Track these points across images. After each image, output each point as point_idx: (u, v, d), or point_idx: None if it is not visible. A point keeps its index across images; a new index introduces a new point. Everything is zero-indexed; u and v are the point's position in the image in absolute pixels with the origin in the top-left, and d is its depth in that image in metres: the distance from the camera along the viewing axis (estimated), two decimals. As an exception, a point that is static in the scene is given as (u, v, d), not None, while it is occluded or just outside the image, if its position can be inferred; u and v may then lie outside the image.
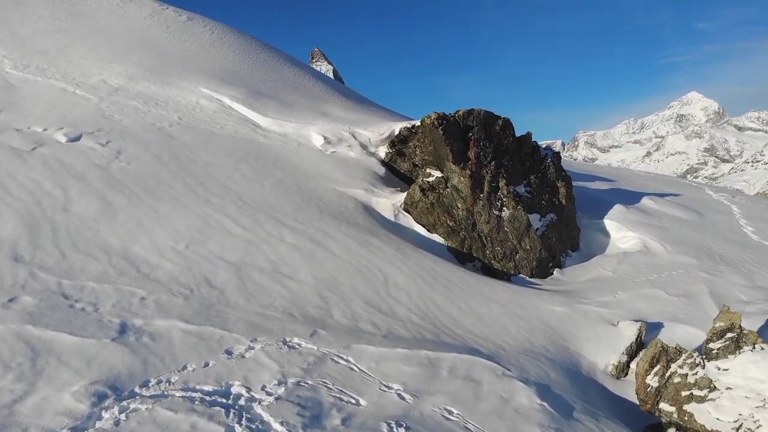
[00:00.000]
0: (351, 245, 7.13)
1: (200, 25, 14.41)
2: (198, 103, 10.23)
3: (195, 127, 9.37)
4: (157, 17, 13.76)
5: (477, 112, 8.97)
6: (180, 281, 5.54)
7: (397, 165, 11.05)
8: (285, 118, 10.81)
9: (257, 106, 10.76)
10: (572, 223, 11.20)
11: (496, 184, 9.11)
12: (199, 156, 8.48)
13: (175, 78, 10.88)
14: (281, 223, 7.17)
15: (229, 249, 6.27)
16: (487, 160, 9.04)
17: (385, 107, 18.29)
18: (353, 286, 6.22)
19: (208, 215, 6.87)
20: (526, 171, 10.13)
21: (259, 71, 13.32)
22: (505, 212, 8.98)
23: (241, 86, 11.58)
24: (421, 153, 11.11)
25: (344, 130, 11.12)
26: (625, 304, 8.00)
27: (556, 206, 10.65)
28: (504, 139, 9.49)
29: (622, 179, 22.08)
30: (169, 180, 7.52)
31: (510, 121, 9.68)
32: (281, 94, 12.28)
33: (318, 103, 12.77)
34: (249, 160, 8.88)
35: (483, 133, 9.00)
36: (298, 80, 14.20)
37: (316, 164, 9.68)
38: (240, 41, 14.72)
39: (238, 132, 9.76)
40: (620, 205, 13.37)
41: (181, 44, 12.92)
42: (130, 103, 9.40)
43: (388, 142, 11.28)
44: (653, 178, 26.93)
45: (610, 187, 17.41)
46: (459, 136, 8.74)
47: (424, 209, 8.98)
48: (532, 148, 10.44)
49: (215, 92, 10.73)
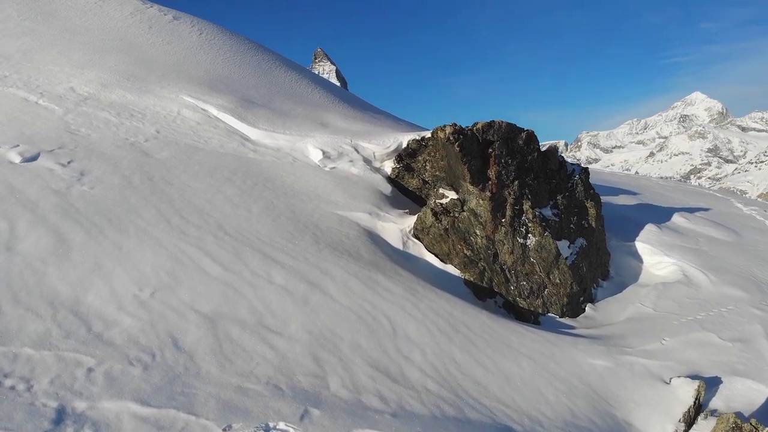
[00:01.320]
0: (352, 285, 6.19)
1: (187, 25, 13.55)
2: (179, 113, 9.34)
3: (174, 142, 8.47)
4: (140, 16, 12.91)
5: (498, 125, 8.04)
6: (140, 343, 4.61)
7: (404, 182, 10.15)
8: (279, 130, 9.90)
9: (247, 116, 9.86)
10: (602, 247, 10.27)
11: (519, 207, 8.17)
12: (177, 176, 7.56)
13: (155, 85, 9.99)
14: (270, 258, 6.23)
15: (204, 296, 5.34)
16: (510, 179, 8.11)
17: (391, 114, 17.41)
18: (355, 342, 5.27)
19: (182, 251, 5.94)
20: (552, 190, 9.19)
21: (252, 76, 12.43)
22: (530, 240, 8.03)
23: (230, 94, 10.68)
24: (431, 168, 10.22)
25: (345, 142, 10.21)
26: (674, 352, 7.04)
27: (586, 230, 9.72)
28: (528, 155, 8.55)
29: (646, 191, 21.20)
30: (138, 207, 6.61)
31: (534, 134, 8.76)
32: (275, 102, 11.38)
33: (316, 111, 11.86)
34: (235, 180, 7.96)
35: (505, 148, 8.07)
36: (295, 86, 13.31)
37: (312, 183, 8.77)
38: (231, 43, 13.85)
39: (224, 146, 8.86)
40: (652, 225, 12.43)
41: (164, 47, 12.04)
42: (101, 115, 8.51)
43: (395, 155, 10.39)
44: (678, 188, 26.00)
45: (637, 202, 16.45)
46: (478, 153, 7.81)
47: (436, 236, 8.05)
48: (558, 163, 9.49)
49: (200, 101, 9.83)
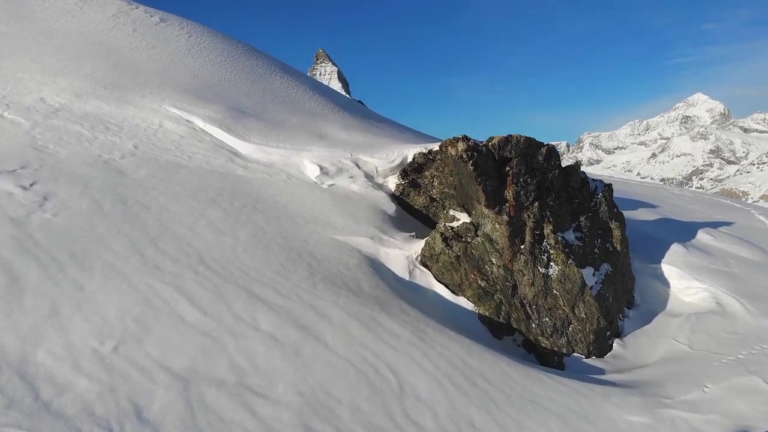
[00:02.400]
0: (352, 329, 5.51)
1: (175, 28, 12.91)
2: (161, 125, 8.67)
3: (154, 159, 7.80)
4: (123, 18, 12.26)
5: (516, 140, 7.36)
6: (96, 414, 3.94)
7: (410, 199, 9.50)
8: (272, 143, 9.23)
9: (237, 128, 9.19)
10: (627, 272, 9.60)
11: (540, 232, 7.49)
12: (155, 199, 6.89)
13: (136, 94, 9.33)
14: (256, 298, 5.55)
15: (177, 348, 4.66)
16: (529, 200, 7.42)
17: (394, 120, 16.75)
18: (355, 405, 4.58)
19: (155, 292, 5.26)
20: (575, 211, 8.51)
21: (244, 83, 11.77)
22: (553, 269, 7.34)
23: (220, 103, 10.02)
24: (440, 185, 9.58)
25: (345, 157, 9.54)
26: (718, 403, 6.32)
27: (610, 253, 9.04)
28: (548, 173, 7.88)
29: (664, 202, 20.55)
30: (107, 238, 5.93)
31: (555, 149, 8.08)
32: (269, 112, 10.71)
33: (314, 121, 11.19)
34: (221, 202, 7.28)
35: (523, 165, 7.39)
36: (291, 92, 12.64)
37: (308, 203, 8.09)
38: (223, 47, 13.20)
39: (210, 163, 8.19)
40: (677, 245, 11.71)
41: (148, 51, 11.39)
42: (73, 129, 7.85)
43: (399, 170, 9.74)
44: (696, 199, 25.33)
45: (658, 217, 15.75)
46: (493, 172, 7.13)
47: (446, 264, 7.37)
48: (580, 180, 8.81)
49: (185, 111, 9.17)
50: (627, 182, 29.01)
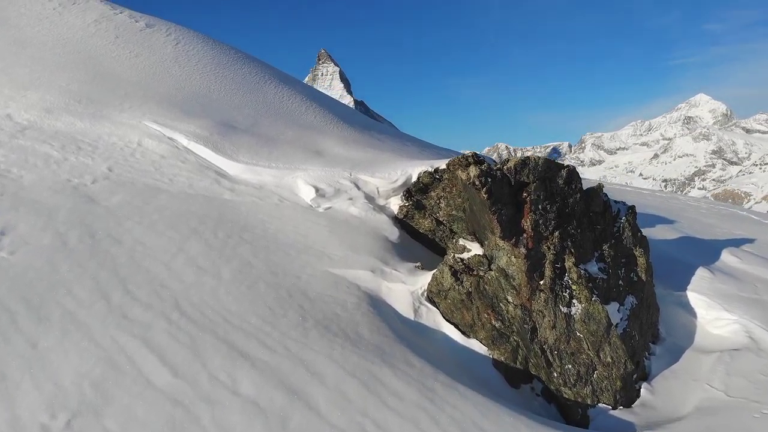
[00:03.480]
0: (349, 390, 4.88)
1: (162, 34, 12.32)
2: (140, 144, 8.08)
3: (130, 182, 7.19)
4: (105, 24, 11.69)
5: (534, 162, 6.74)
6: None
7: (414, 222, 8.90)
8: (263, 162, 8.63)
9: (225, 145, 8.58)
10: (653, 303, 8.97)
11: (561, 265, 6.86)
12: (128, 231, 6.27)
13: (114, 109, 8.74)
14: (238, 352, 4.93)
15: (141, 423, 4.04)
16: (549, 229, 6.80)
17: (397, 127, 16.14)
18: (351, 492, 3.92)
19: (120, 348, 4.64)
20: (597, 239, 7.89)
21: (235, 94, 11.17)
22: (575, 307, 6.71)
23: (206, 117, 9.41)
24: (447, 206, 8.96)
25: (344, 177, 8.93)
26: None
27: (635, 284, 8.42)
28: (569, 197, 7.25)
29: (680, 216, 19.95)
30: (70, 280, 5.32)
31: (576, 171, 7.45)
32: (261, 125, 10.10)
33: (310, 135, 10.58)
34: (203, 233, 6.66)
35: (542, 191, 6.77)
36: (287, 103, 12.04)
37: (302, 230, 7.48)
38: (213, 54, 12.61)
39: (193, 186, 7.57)
40: (703, 269, 11.06)
41: (130, 60, 10.80)
42: (41, 149, 7.26)
43: (403, 191, 9.13)
44: (712, 211, 24.69)
45: (678, 235, 15.09)
46: (509, 199, 6.51)
47: (456, 301, 6.74)
48: (602, 204, 8.17)
49: (167, 127, 8.58)
50: (639, 192, 28.35)
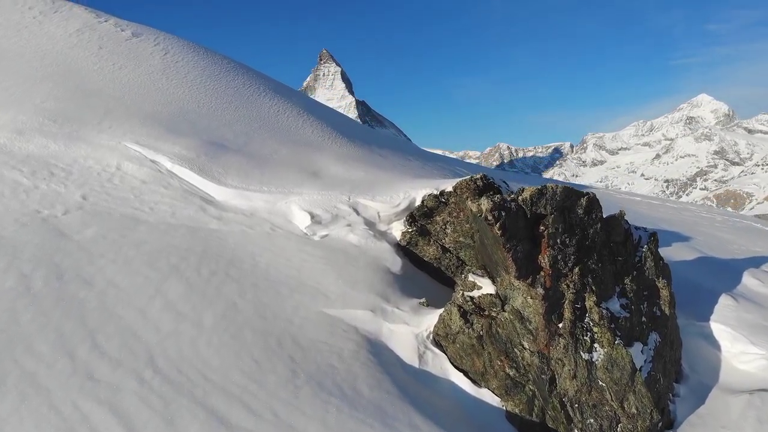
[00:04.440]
0: (345, 463, 4.30)
1: (149, 43, 11.82)
2: (120, 168, 7.57)
3: (106, 213, 6.68)
4: (88, 34, 11.19)
5: (551, 192, 6.21)
6: None
7: (418, 250, 8.41)
8: (254, 186, 8.11)
9: (212, 168, 8.07)
10: (676, 338, 8.52)
11: (581, 304, 6.31)
12: (101, 270, 5.76)
13: (92, 128, 8.24)
14: (218, 420, 4.42)
15: None
16: (568, 266, 6.28)
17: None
18: None
19: (83, 417, 4.16)
20: (618, 272, 7.37)
21: (227, 108, 10.65)
22: (597, 352, 6.19)
23: (194, 136, 8.90)
24: (453, 232, 8.49)
25: (342, 201, 8.41)
26: None
27: (658, 319, 7.94)
28: (589, 228, 6.74)
29: (695, 231, 19.47)
30: (31, 333, 4.82)
31: (596, 199, 6.91)
32: (253, 143, 9.58)
33: (307, 153, 10.06)
34: (185, 270, 6.14)
35: (561, 223, 6.24)
36: (282, 117, 11.53)
37: (296, 264, 6.95)
38: (204, 65, 12.11)
39: (176, 215, 7.06)
40: (726, 296, 10.53)
41: (114, 73, 10.29)
42: (9, 176, 6.77)
43: (406, 216, 8.62)
44: (727, 224, 24.20)
45: (695, 255, 14.56)
46: (525, 233, 5.98)
47: (466, 346, 6.22)
48: (623, 233, 7.64)
49: (150, 149, 8.07)
50: (650, 204, 27.80)
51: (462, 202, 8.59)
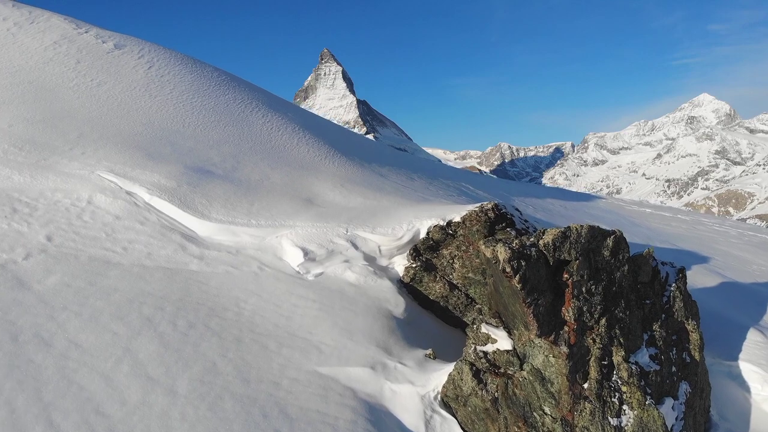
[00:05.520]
0: None
1: (132, 56, 11.25)
2: (91, 202, 6.98)
3: (73, 256, 6.09)
4: (66, 47, 10.62)
5: (575, 234, 5.62)
6: None
7: (423, 287, 7.88)
8: (241, 218, 7.52)
9: (195, 199, 7.47)
10: (705, 384, 7.94)
11: (608, 360, 5.68)
12: (62, 327, 5.19)
13: (63, 156, 7.65)
14: None
15: None
16: (594, 317, 5.66)
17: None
18: None
19: None
20: (646, 317, 6.77)
21: (214, 128, 10.06)
22: (626, 416, 5.61)
23: (176, 161, 8.31)
24: (462, 267, 8.00)
25: (339, 234, 7.84)
26: None
27: (688, 366, 7.37)
28: (616, 271, 6.15)
29: (710, 247, 19.00)
30: (-32, 412, 4.14)
31: (623, 237, 6.32)
32: (242, 168, 8.98)
33: (301, 177, 9.47)
34: (159, 323, 5.55)
35: (586, 268, 5.63)
36: (275, 136, 10.94)
37: (286, 311, 6.37)
38: (192, 79, 11.53)
39: (153, 255, 6.46)
40: (753, 330, 9.96)
41: (92, 90, 9.71)
42: (-37, 214, 6.10)
43: (409, 249, 8.04)
44: (743, 238, 23.65)
45: (717, 280, 14.03)
46: (547, 284, 5.40)
47: (479, 410, 5.66)
48: (651, 271, 7.05)
49: (126, 178, 7.48)
50: (662, 216, 27.20)
51: (471, 235, 8.01)
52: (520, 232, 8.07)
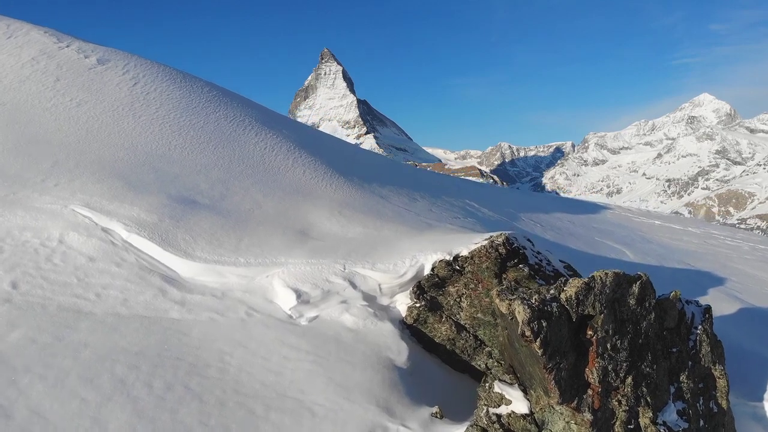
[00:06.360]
0: None
1: (117, 72, 10.77)
2: (63, 241, 6.49)
3: (40, 306, 5.61)
4: (45, 63, 10.14)
5: (600, 284, 5.14)
6: None
7: (428, 328, 7.45)
8: (228, 256, 7.03)
9: (178, 235, 6.99)
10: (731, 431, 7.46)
11: (635, 423, 5.19)
12: (23, 393, 4.75)
13: (33, 188, 7.16)
14: None
15: None
16: (620, 376, 5.16)
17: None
18: None
19: None
20: (673, 368, 6.28)
21: (203, 150, 9.57)
22: (657, 487, 5.02)
23: (159, 191, 7.82)
24: (470, 306, 7.59)
25: (335, 271, 7.36)
26: None
27: (715, 416, 7.02)
28: (642, 320, 5.68)
29: (724, 266, 18.54)
30: None
31: (649, 282, 5.82)
32: (232, 196, 8.50)
33: (296, 204, 8.98)
34: (133, 386, 5.06)
35: (611, 322, 5.12)
36: (269, 157, 10.46)
37: (275, 365, 5.89)
38: (180, 95, 11.05)
39: (129, 302, 5.97)
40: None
41: (70, 111, 9.21)
42: None
43: (413, 286, 7.54)
44: (756, 252, 23.14)
45: (735, 306, 13.59)
46: (569, 344, 4.87)
47: (491, 479, 5.05)
48: (678, 315, 6.58)
49: (102, 213, 7.00)
50: (671, 229, 26.67)
51: (481, 272, 7.52)
52: (533, 268, 7.58)
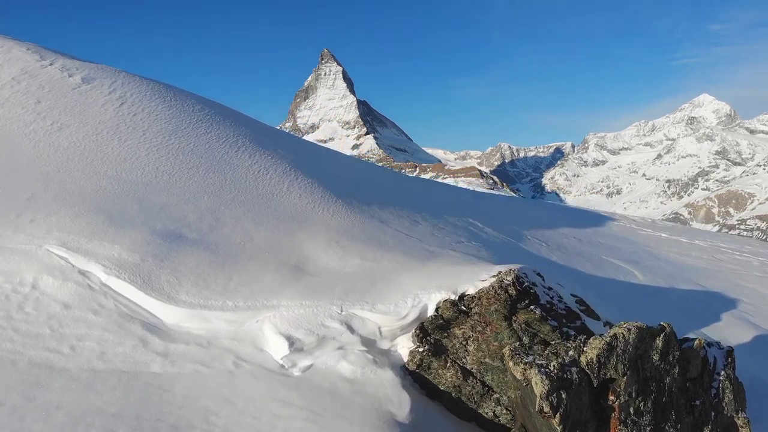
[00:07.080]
0: None
1: (102, 91, 10.39)
2: (36, 286, 6.11)
3: (9, 362, 5.28)
4: (26, 83, 9.76)
5: (623, 341, 4.78)
6: None
7: (431, 374, 7.15)
8: (216, 299, 6.65)
9: (161, 276, 6.60)
10: None
11: (659, 494, 4.75)
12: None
13: (8, 226, 6.83)
14: None
15: None
16: (642, 441, 4.71)
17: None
18: None
19: None
20: (696, 422, 5.88)
21: (192, 176, 9.19)
22: None
23: (143, 225, 7.44)
24: (477, 350, 7.37)
25: (331, 314, 6.99)
26: None
27: None
28: (666, 376, 5.28)
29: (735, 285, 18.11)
30: None
31: (673, 333, 5.43)
32: (221, 227, 8.11)
33: (290, 234, 8.60)
34: (107, 458, 4.57)
35: (635, 383, 4.71)
36: (263, 181, 10.08)
37: (265, 427, 5.55)
38: (169, 116, 10.67)
39: (106, 355, 5.59)
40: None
41: (50, 137, 8.83)
42: None
43: (416, 328, 7.19)
44: (766, 270, 22.68)
45: (752, 334, 13.18)
46: (590, 412, 4.43)
47: None
48: (701, 364, 6.18)
49: (80, 253, 6.62)
50: (678, 242, 26.23)
51: (489, 315, 7.12)
52: (544, 308, 7.19)
